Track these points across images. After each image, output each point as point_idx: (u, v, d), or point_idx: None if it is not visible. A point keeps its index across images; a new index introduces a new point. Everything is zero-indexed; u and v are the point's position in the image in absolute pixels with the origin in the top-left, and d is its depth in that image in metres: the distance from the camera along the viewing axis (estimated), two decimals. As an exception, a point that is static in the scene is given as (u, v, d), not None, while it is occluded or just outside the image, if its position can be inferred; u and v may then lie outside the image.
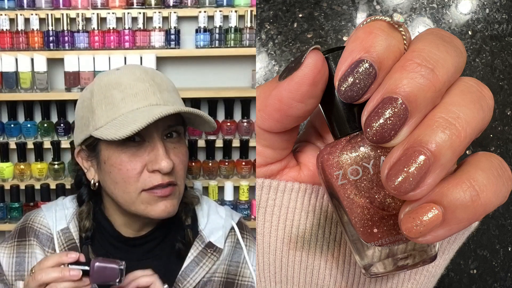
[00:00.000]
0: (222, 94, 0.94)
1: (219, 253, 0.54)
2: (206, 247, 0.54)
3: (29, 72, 0.92)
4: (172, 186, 0.49)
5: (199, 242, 0.54)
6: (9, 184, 0.93)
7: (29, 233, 0.55)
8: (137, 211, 0.50)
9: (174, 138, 0.51)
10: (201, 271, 0.53)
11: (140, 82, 0.50)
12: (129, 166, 0.48)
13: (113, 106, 0.49)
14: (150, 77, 0.51)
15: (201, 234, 0.54)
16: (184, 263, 0.53)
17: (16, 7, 0.94)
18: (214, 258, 0.53)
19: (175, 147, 0.50)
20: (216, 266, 0.53)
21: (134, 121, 0.46)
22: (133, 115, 0.47)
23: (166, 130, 0.50)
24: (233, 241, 0.55)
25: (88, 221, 0.54)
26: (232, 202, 0.95)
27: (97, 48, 0.94)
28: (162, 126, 0.49)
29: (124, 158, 0.48)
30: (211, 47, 0.96)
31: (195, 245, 0.54)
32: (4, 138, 0.95)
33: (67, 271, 0.44)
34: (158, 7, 0.96)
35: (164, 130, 0.50)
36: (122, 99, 0.49)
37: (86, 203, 0.54)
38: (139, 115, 0.47)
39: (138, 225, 0.53)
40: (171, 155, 0.49)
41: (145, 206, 0.49)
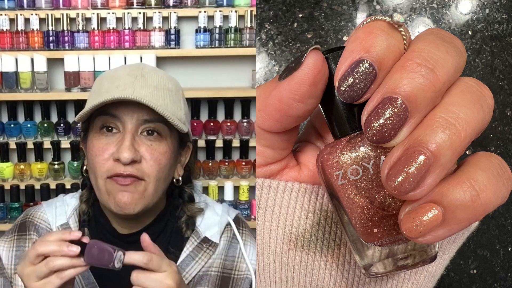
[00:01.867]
0: (222, 94, 0.94)
1: (214, 248, 0.54)
2: (201, 242, 0.54)
3: (29, 72, 0.92)
4: (133, 179, 0.49)
5: (195, 237, 0.55)
6: (9, 184, 0.93)
7: (29, 227, 0.55)
8: (103, 202, 0.51)
9: (153, 136, 0.51)
10: (197, 266, 0.53)
11: (129, 76, 0.52)
12: (98, 152, 0.50)
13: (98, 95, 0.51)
14: (141, 73, 0.52)
15: (196, 230, 0.55)
16: (179, 258, 0.53)
17: (16, 7, 0.94)
18: (210, 252, 0.54)
19: (151, 144, 0.51)
20: (212, 260, 0.54)
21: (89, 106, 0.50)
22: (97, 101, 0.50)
23: (143, 125, 0.51)
24: (229, 236, 0.56)
25: (86, 205, 0.55)
26: (232, 202, 0.95)
27: (97, 48, 0.94)
28: (137, 119, 0.50)
29: (97, 145, 0.51)
30: (211, 47, 0.96)
31: (191, 240, 0.54)
32: (4, 138, 0.95)
33: (66, 246, 0.45)
34: (158, 7, 0.96)
35: (140, 123, 0.51)
36: (106, 89, 0.51)
37: (87, 188, 0.56)
38: (97, 101, 0.49)
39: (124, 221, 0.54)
40: (142, 149, 0.50)
41: (108, 196, 0.50)
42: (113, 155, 0.50)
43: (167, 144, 0.52)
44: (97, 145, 0.50)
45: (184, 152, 0.56)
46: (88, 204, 0.56)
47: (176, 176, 0.55)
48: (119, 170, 0.49)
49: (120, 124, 0.50)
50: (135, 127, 0.50)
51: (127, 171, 0.49)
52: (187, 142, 0.56)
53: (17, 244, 0.55)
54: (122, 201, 0.49)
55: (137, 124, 0.50)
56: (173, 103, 0.52)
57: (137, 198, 0.50)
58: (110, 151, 0.50)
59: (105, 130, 0.51)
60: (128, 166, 0.49)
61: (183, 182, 0.56)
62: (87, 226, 0.54)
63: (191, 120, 0.97)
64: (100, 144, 0.50)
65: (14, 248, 0.55)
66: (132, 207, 0.50)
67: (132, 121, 0.50)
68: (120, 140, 0.50)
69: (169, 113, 0.50)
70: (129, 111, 0.50)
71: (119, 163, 0.49)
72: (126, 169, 0.49)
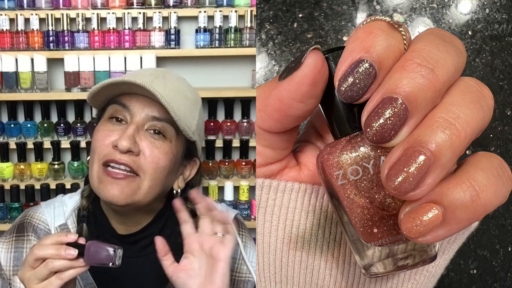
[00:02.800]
0: (222, 94, 0.94)
1: None
2: None
3: (29, 72, 0.92)
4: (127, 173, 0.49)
5: None
6: (9, 184, 0.93)
7: (27, 228, 0.55)
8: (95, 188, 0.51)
9: (159, 135, 0.51)
10: None
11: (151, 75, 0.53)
12: (101, 137, 0.51)
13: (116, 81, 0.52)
14: (163, 75, 0.53)
15: None
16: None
17: (16, 7, 0.94)
18: None
19: (154, 142, 0.51)
20: None
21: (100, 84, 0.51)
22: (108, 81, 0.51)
23: (151, 121, 0.51)
24: None
25: (87, 200, 0.56)
26: (232, 202, 0.95)
27: (97, 48, 0.94)
28: (146, 113, 0.51)
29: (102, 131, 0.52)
30: (211, 47, 0.96)
31: None
32: (4, 138, 0.95)
33: (63, 250, 0.45)
34: (158, 7, 0.96)
35: (148, 119, 0.51)
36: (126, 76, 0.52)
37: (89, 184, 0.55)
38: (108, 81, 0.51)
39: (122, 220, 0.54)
40: (143, 144, 0.50)
41: (98, 184, 0.51)
42: (113, 142, 0.50)
43: (171, 146, 0.52)
44: (102, 131, 0.51)
45: (189, 165, 0.56)
46: (89, 200, 0.56)
47: (175, 187, 0.55)
48: (114, 157, 0.49)
49: (129, 115, 0.51)
50: (142, 121, 0.51)
51: (122, 160, 0.49)
52: (194, 156, 0.56)
53: (15, 245, 0.55)
54: (110, 193, 0.50)
55: (145, 119, 0.51)
56: (187, 110, 0.53)
57: (128, 193, 0.50)
58: (112, 138, 0.50)
59: (114, 120, 0.52)
60: (124, 155, 0.49)
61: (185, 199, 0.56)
62: (86, 222, 0.54)
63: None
64: (106, 130, 0.51)
65: (13, 249, 0.55)
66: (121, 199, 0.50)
67: (141, 114, 0.51)
68: (124, 129, 0.50)
69: (180, 116, 0.50)
70: (140, 104, 0.51)
71: (117, 150, 0.50)
72: (121, 157, 0.49)
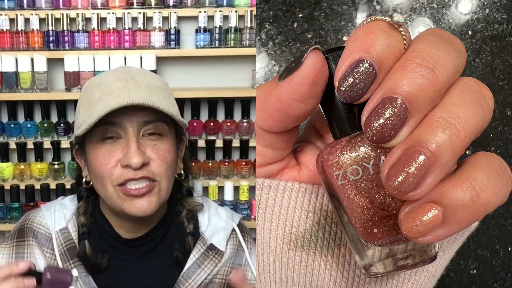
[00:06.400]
0: (222, 94, 0.94)
1: (220, 256, 0.54)
2: (207, 249, 0.54)
3: (29, 72, 0.92)
4: (149, 183, 0.49)
5: (201, 244, 0.54)
6: (9, 184, 0.93)
7: (27, 233, 0.55)
8: (116, 207, 0.50)
9: (155, 136, 0.51)
10: (203, 274, 0.53)
11: (119, 81, 0.50)
12: (103, 161, 0.49)
13: (91, 105, 0.50)
14: (131, 76, 0.51)
15: (202, 236, 0.54)
16: (185, 265, 0.53)
17: (16, 7, 0.94)
18: (216, 260, 0.53)
19: (155, 144, 0.50)
20: (217, 268, 0.53)
21: (92, 119, 0.49)
22: (98, 113, 0.49)
23: (144, 127, 0.50)
24: (234, 244, 0.55)
25: (84, 217, 0.54)
26: (232, 202, 0.95)
27: (97, 48, 0.94)
28: (137, 122, 0.50)
29: (100, 154, 0.50)
30: (211, 47, 0.96)
31: (197, 247, 0.54)
32: (4, 138, 0.95)
33: (22, 282, 0.44)
34: (158, 7, 0.96)
35: (141, 126, 0.50)
36: (99, 97, 0.50)
37: (84, 200, 0.55)
38: (99, 113, 0.48)
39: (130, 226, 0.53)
40: (147, 151, 0.50)
41: (121, 202, 0.50)
42: (121, 161, 0.49)
43: (169, 141, 0.52)
44: (101, 154, 0.49)
45: (181, 146, 0.56)
46: (86, 216, 0.54)
47: (178, 171, 0.55)
48: (130, 176, 0.48)
49: (121, 131, 0.49)
50: (137, 131, 0.50)
51: (138, 175, 0.48)
52: (182, 136, 0.56)
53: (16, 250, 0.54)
54: (141, 210, 0.49)
55: (138, 127, 0.50)
56: (167, 100, 0.52)
57: (155, 201, 0.50)
58: (116, 158, 0.49)
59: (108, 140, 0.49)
60: (138, 170, 0.49)
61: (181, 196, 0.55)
62: (87, 239, 0.53)
63: (191, 120, 0.97)
64: (105, 152, 0.49)
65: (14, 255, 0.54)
66: (150, 210, 0.49)
67: (132, 125, 0.49)
68: (125, 146, 0.49)
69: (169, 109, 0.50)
70: (127, 115, 0.49)
71: (129, 169, 0.48)
72: (137, 173, 0.48)
